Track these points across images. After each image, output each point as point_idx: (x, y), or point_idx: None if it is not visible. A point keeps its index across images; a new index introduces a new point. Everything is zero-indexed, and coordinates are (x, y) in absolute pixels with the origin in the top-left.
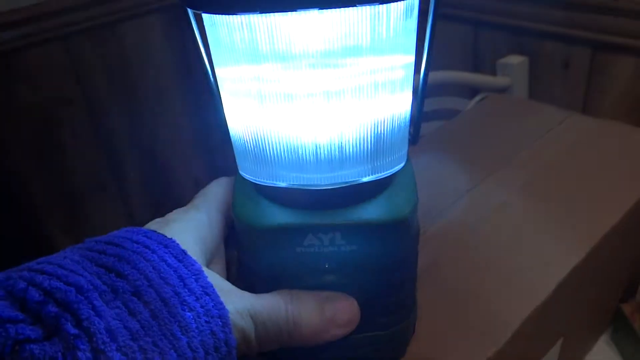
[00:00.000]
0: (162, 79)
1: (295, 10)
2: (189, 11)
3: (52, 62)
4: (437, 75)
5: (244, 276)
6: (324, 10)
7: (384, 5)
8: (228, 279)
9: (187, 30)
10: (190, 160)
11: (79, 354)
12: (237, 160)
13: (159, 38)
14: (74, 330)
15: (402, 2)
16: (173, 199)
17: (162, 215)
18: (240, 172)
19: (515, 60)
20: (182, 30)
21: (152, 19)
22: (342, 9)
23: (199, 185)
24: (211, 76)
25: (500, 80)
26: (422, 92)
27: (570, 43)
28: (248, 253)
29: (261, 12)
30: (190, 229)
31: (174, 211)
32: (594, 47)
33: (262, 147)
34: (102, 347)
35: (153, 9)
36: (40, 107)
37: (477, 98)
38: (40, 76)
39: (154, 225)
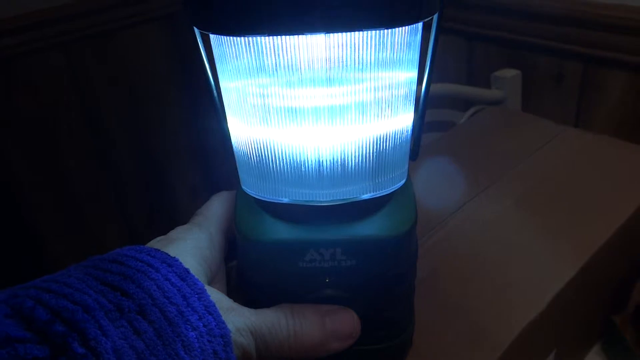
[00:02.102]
0: (161, 87)
1: (303, 34)
2: (196, 29)
3: (52, 69)
4: (432, 88)
5: (244, 289)
6: (330, 34)
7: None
8: (228, 294)
9: (192, 45)
10: (187, 169)
11: None
12: (239, 175)
13: (158, 46)
14: (81, 350)
15: (407, 26)
16: (169, 207)
17: (158, 223)
18: (243, 187)
19: (509, 73)
20: (181, 39)
21: (151, 28)
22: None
23: (195, 194)
24: (215, 91)
25: (494, 93)
26: (423, 108)
27: (563, 57)
28: (249, 267)
29: (269, 35)
30: (192, 248)
31: (176, 229)
32: (586, 62)
33: (265, 162)
34: None
35: (152, 17)
36: (38, 113)
37: (471, 110)
38: (39, 83)
39: (156, 243)
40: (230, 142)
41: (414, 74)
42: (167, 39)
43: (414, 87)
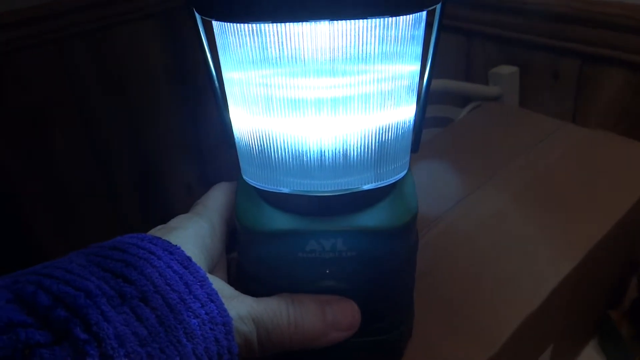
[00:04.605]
0: (155, 84)
1: (307, 21)
2: (197, 16)
3: (45, 64)
4: (431, 83)
5: (244, 279)
6: (334, 22)
7: (394, 17)
8: (229, 283)
9: (193, 34)
10: (182, 166)
11: (88, 359)
12: (240, 165)
13: (153, 43)
14: (83, 335)
15: (411, 14)
16: (163, 204)
17: (152, 219)
18: (244, 176)
19: (507, 70)
20: (176, 36)
21: (147, 24)
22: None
23: (190, 191)
24: (216, 81)
25: (491, 89)
26: (425, 100)
27: (560, 54)
28: (250, 257)
29: (272, 22)
30: (194, 236)
31: (177, 218)
32: (582, 59)
33: (267, 152)
34: (111, 352)
35: (148, 14)
36: (31, 109)
37: (469, 107)
38: (32, 78)
39: (157, 232)
40: (232, 132)
41: (417, 67)
42: (163, 36)
43: (417, 78)
